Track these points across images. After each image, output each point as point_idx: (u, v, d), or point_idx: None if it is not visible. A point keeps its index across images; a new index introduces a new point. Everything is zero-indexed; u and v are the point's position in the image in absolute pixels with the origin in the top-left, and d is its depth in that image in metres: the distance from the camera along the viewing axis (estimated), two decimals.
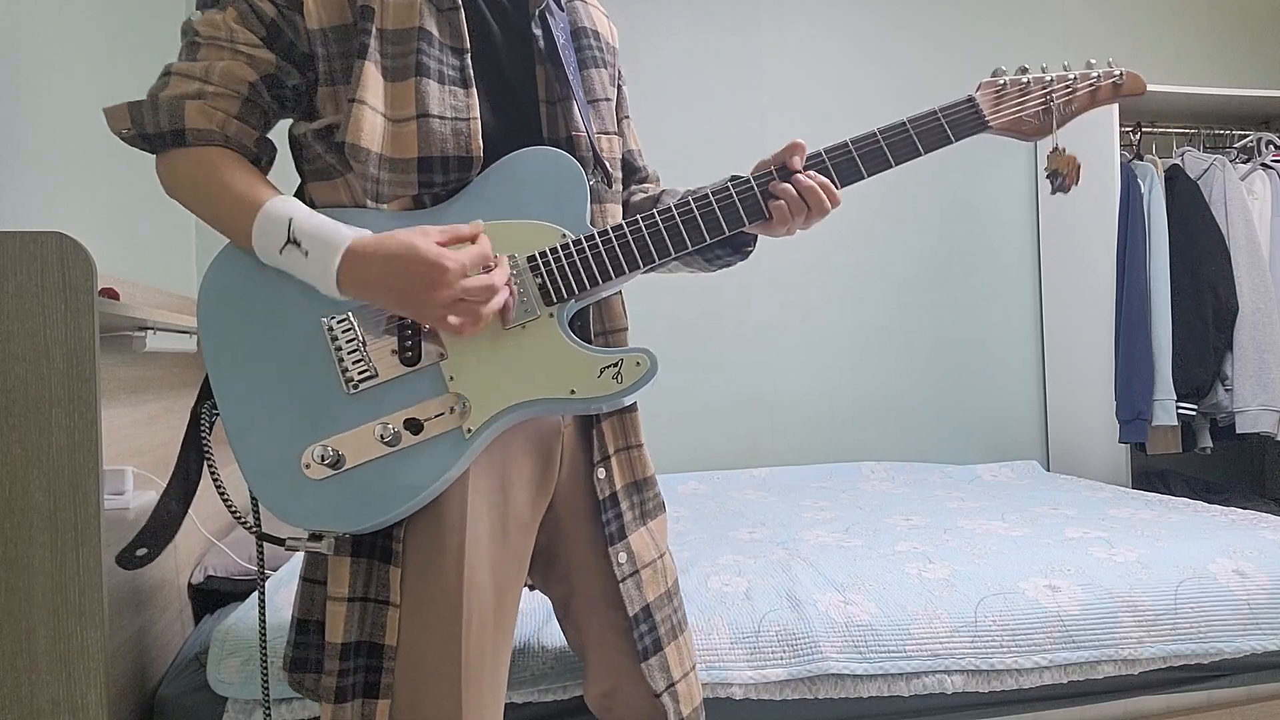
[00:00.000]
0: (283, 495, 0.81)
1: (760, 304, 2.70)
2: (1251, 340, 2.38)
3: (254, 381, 0.83)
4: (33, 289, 0.98)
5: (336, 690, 0.84)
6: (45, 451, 0.98)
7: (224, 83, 0.82)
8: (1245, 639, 1.35)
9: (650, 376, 0.85)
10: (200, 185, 0.82)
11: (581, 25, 1.00)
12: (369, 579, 0.86)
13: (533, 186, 0.86)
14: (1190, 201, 2.47)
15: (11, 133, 1.31)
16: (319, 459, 0.80)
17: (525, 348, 0.84)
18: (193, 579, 1.48)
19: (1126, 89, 0.95)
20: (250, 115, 0.84)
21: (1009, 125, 0.93)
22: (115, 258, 1.73)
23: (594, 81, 0.99)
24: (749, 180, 0.91)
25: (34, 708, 0.98)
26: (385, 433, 0.81)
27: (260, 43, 0.83)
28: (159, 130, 0.81)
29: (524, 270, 0.85)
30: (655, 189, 1.12)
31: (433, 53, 0.85)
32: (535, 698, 1.17)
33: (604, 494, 0.95)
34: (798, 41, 2.74)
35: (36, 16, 1.42)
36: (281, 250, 0.79)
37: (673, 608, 0.99)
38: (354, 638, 0.85)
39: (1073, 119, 0.94)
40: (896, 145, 0.91)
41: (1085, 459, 2.65)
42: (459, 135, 0.85)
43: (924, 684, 1.26)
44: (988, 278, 2.84)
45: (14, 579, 0.98)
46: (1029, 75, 0.93)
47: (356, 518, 0.80)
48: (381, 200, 0.84)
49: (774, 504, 2.14)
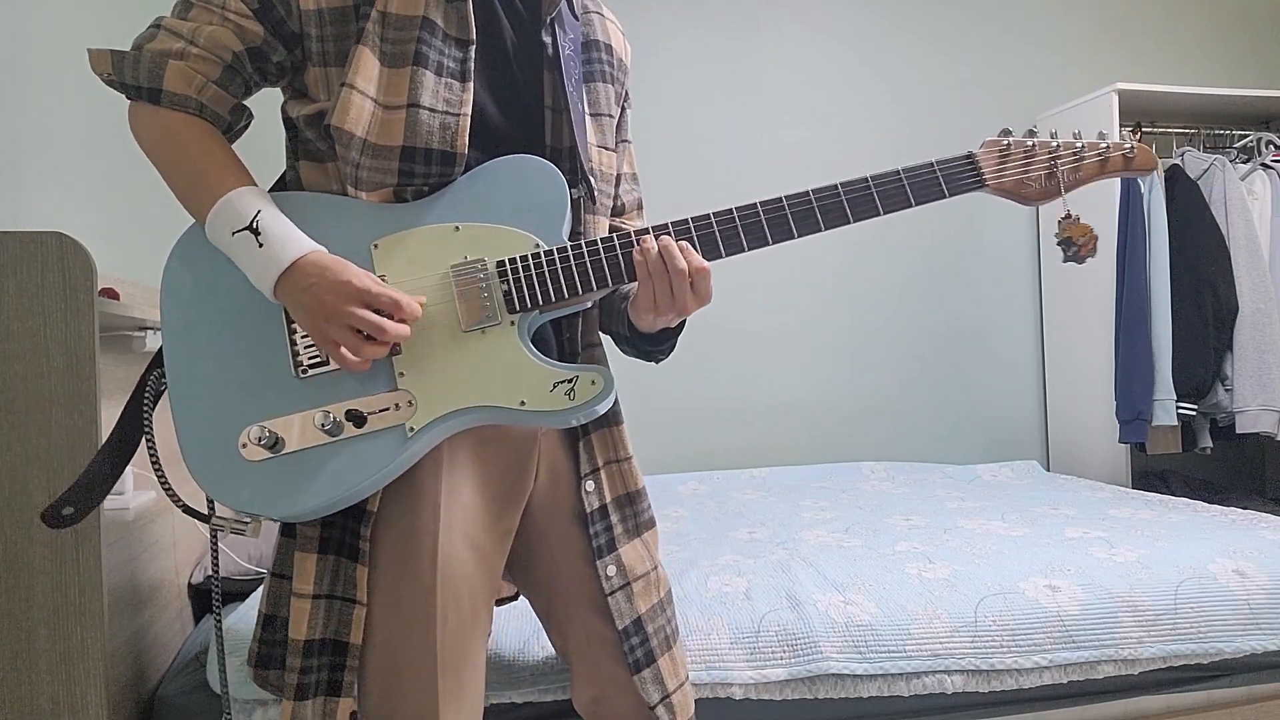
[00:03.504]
0: (215, 472, 0.80)
1: (760, 304, 2.70)
2: (1251, 340, 2.38)
3: (204, 355, 0.82)
4: (33, 289, 0.98)
5: (298, 687, 0.83)
6: (45, 450, 0.98)
7: (209, 47, 0.82)
8: (1245, 639, 1.35)
9: (603, 398, 0.82)
10: (161, 145, 0.84)
11: (595, 39, 1.00)
12: (335, 576, 0.85)
13: (514, 193, 0.85)
14: (1190, 201, 2.47)
15: (11, 133, 1.31)
16: (255, 439, 0.79)
17: (481, 353, 0.83)
18: (193, 579, 1.48)
19: (1138, 164, 0.91)
20: (230, 83, 0.85)
21: (1010, 188, 0.90)
22: (115, 258, 1.73)
23: (599, 95, 0.98)
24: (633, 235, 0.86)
25: (34, 708, 0.98)
26: (326, 421, 0.79)
27: (250, 14, 0.83)
28: (137, 84, 0.83)
29: (492, 275, 0.84)
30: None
31: (434, 43, 0.84)
32: (535, 697, 1.17)
33: (592, 506, 0.94)
34: (797, 45, 2.74)
35: (37, 16, 1.42)
36: (235, 233, 0.79)
37: (665, 618, 0.99)
38: (318, 635, 0.84)
39: (1080, 187, 0.91)
40: (888, 194, 0.88)
41: (1085, 459, 2.65)
42: (446, 130, 0.83)
43: (924, 684, 1.26)
44: (988, 277, 2.84)
45: (14, 579, 0.98)
46: (1034, 139, 0.91)
47: (286, 504, 0.79)
48: (361, 187, 0.84)
49: (774, 504, 2.14)
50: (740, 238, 0.87)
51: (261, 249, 0.78)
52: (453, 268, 0.84)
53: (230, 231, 0.80)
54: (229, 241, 0.80)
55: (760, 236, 0.87)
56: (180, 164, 0.83)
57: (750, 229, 0.87)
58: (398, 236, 0.84)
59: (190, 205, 0.83)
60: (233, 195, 0.80)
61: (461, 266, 0.84)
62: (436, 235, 0.84)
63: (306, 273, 0.78)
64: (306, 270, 0.78)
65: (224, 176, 0.82)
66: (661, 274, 0.83)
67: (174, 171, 0.84)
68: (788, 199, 0.86)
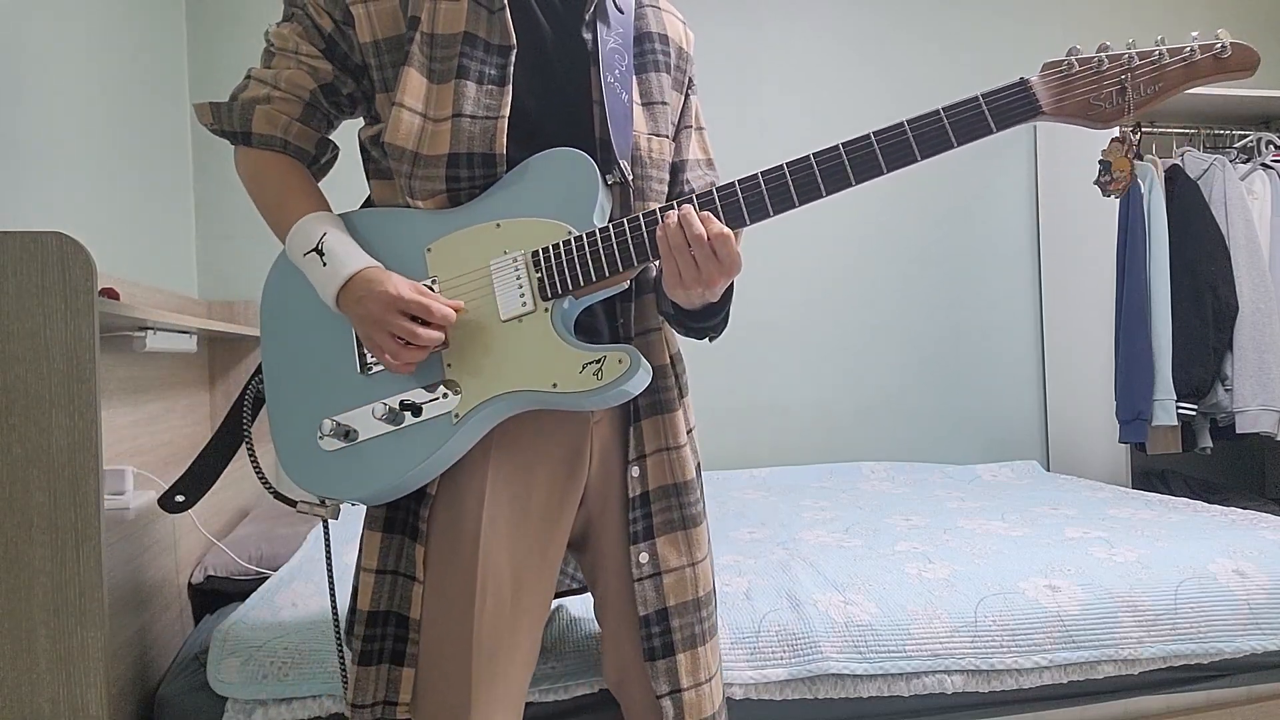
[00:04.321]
0: (297, 462, 0.91)
1: (761, 304, 2.70)
2: (1251, 340, 2.38)
3: (291, 360, 0.94)
4: (33, 289, 0.98)
5: (362, 653, 0.92)
6: (45, 451, 0.98)
7: (289, 89, 0.93)
8: (1245, 639, 1.35)
9: (631, 375, 0.83)
10: (253, 181, 0.95)
11: (648, 30, 1.02)
12: (399, 554, 0.93)
13: (549, 185, 0.89)
14: (1190, 201, 2.47)
15: (11, 133, 1.31)
16: (329, 431, 0.89)
17: (518, 340, 0.87)
18: (193, 579, 1.48)
19: (1234, 64, 0.76)
20: (311, 118, 0.95)
21: (1074, 110, 0.79)
22: (115, 258, 1.73)
23: (651, 85, 1.00)
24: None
25: (34, 708, 0.98)
26: (385, 412, 0.87)
27: (320, 54, 0.93)
28: (232, 129, 0.94)
29: (528, 265, 0.88)
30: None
31: (476, 54, 0.90)
32: (536, 698, 1.17)
33: (634, 493, 0.97)
34: (798, 42, 2.74)
35: (37, 17, 1.42)
36: (305, 254, 0.89)
37: (699, 617, 0.98)
38: (382, 607, 0.92)
39: (1160, 101, 0.78)
40: (927, 137, 0.81)
41: (1085, 459, 2.65)
42: (486, 133, 0.89)
43: (924, 684, 1.26)
44: (988, 277, 2.84)
45: (14, 579, 0.98)
46: (1104, 53, 0.80)
47: (352, 488, 0.89)
48: (417, 196, 0.91)
49: (774, 504, 2.14)
50: (765, 202, 0.84)
51: (325, 267, 0.87)
52: (492, 262, 0.89)
53: (302, 253, 0.89)
54: (302, 262, 0.89)
55: (786, 198, 0.83)
56: (266, 196, 0.94)
57: (776, 191, 0.84)
58: (447, 239, 0.91)
59: (277, 231, 0.93)
60: (304, 221, 0.90)
61: (500, 260, 0.89)
62: (480, 234, 0.90)
63: (359, 286, 0.86)
64: (359, 284, 0.86)
65: (300, 204, 0.92)
66: (681, 245, 0.82)
67: (262, 203, 0.95)
68: (815, 155, 0.83)
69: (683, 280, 0.84)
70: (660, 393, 1.00)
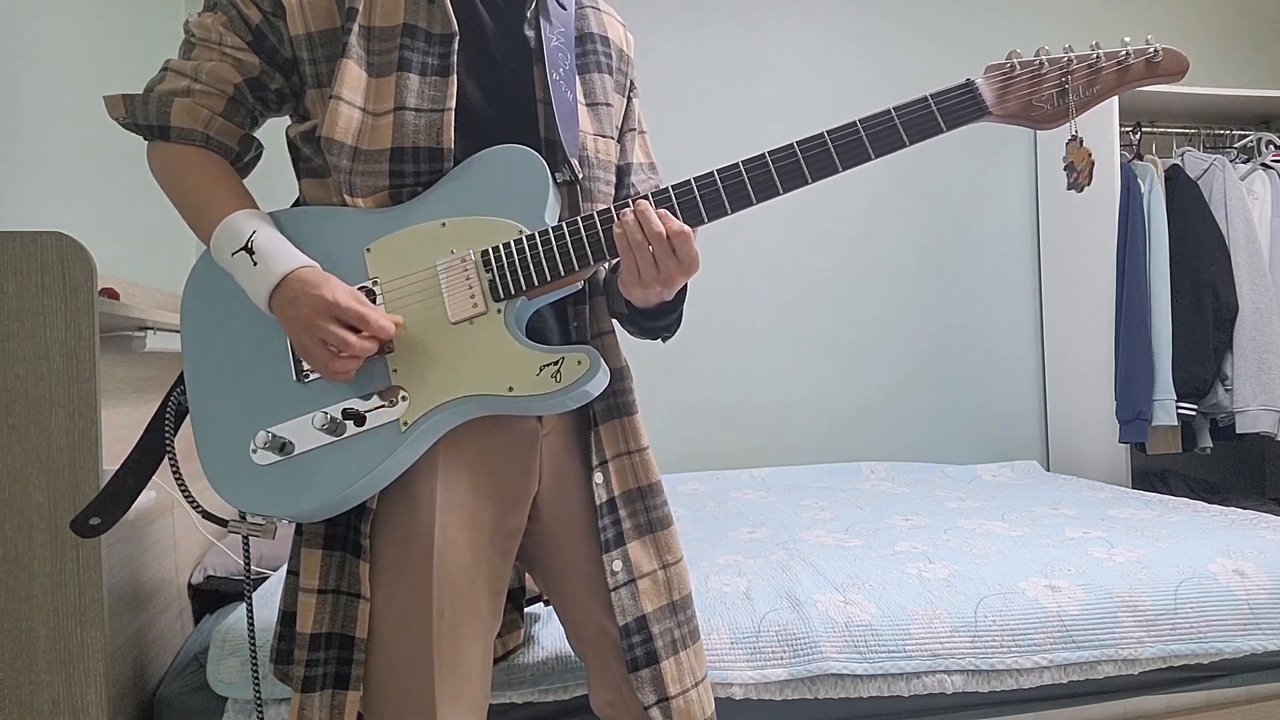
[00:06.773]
0: (228, 478, 0.84)
1: (759, 303, 2.70)
2: (1251, 340, 2.38)
3: (217, 369, 0.87)
4: (33, 289, 0.98)
5: (304, 679, 0.85)
6: (45, 451, 0.98)
7: (211, 82, 0.87)
8: (1245, 639, 1.35)
9: (592, 376, 0.81)
10: (171, 177, 0.89)
11: (589, 31, 1.00)
12: (340, 572, 0.87)
13: (497, 183, 0.86)
14: (1190, 201, 2.47)
15: (11, 133, 1.31)
16: (263, 444, 0.82)
17: (470, 344, 0.84)
18: (193, 579, 1.48)
19: (1164, 68, 0.80)
20: (235, 114, 0.89)
21: (1016, 112, 0.82)
22: (115, 258, 1.73)
23: (594, 85, 0.98)
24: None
25: (34, 708, 0.98)
26: (326, 422, 0.81)
27: (246, 46, 0.87)
28: (148, 123, 0.88)
29: (477, 265, 0.84)
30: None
31: (417, 46, 0.86)
32: (535, 698, 1.17)
33: (601, 499, 0.94)
34: (797, 39, 2.74)
35: (36, 16, 1.42)
36: (233, 254, 0.83)
37: (677, 621, 0.96)
38: (324, 629, 0.86)
39: (1098, 102, 0.82)
40: (879, 136, 0.83)
41: (1085, 459, 2.65)
42: (431, 127, 0.85)
43: (924, 684, 1.26)
44: (988, 277, 2.84)
45: (14, 579, 0.98)
46: (1044, 57, 0.83)
47: (291, 504, 0.82)
48: (356, 194, 0.86)
49: (774, 504, 2.14)
50: (723, 199, 0.84)
51: (256, 267, 0.82)
52: (439, 262, 0.85)
53: (230, 252, 0.83)
54: (229, 261, 0.84)
55: (744, 196, 0.83)
56: (186, 193, 0.88)
57: (732, 189, 0.83)
58: (389, 239, 0.86)
59: (198, 231, 0.87)
60: (231, 218, 0.84)
61: (448, 261, 0.85)
62: (424, 233, 0.86)
63: (292, 287, 0.81)
64: (293, 284, 0.81)
65: (225, 201, 0.86)
66: (641, 244, 0.82)
67: (181, 200, 0.88)
68: (770, 154, 0.83)
69: (641, 278, 0.83)
70: (618, 396, 0.98)
